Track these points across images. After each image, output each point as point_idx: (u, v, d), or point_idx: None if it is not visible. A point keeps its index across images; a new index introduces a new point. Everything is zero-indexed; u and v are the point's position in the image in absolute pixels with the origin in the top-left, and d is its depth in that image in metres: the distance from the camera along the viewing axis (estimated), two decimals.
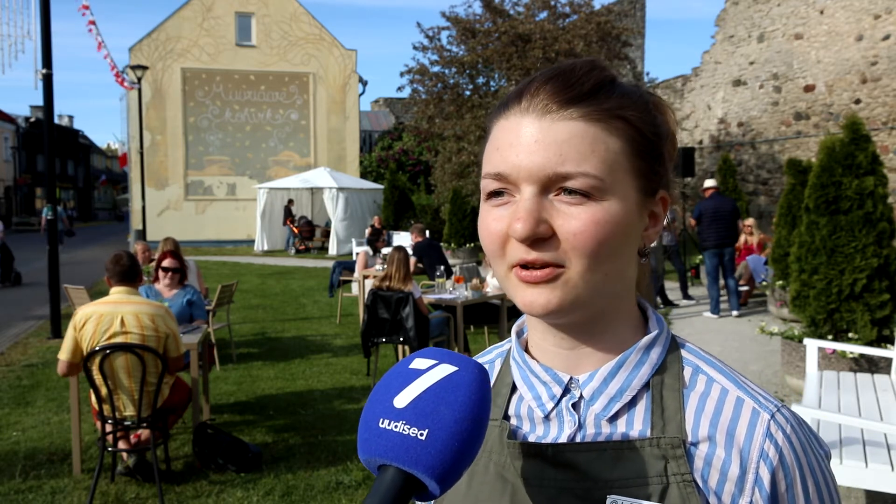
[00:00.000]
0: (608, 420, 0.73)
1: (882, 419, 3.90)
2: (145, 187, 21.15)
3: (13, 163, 46.83)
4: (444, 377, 0.62)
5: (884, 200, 5.73)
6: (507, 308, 7.16)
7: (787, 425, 0.70)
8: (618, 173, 0.69)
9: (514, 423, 0.78)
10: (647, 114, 0.73)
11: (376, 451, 0.60)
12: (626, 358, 0.74)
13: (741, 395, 0.72)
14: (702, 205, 9.97)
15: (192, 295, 5.61)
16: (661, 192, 0.76)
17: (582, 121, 0.69)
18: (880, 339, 5.71)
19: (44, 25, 8.85)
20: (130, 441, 4.30)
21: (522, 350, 0.80)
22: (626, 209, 0.70)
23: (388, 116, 36.09)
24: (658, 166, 0.74)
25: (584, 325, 0.74)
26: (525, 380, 0.78)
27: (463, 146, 18.60)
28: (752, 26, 17.43)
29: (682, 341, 0.78)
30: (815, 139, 15.78)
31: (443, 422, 0.59)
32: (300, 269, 17.24)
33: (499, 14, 18.73)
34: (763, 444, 0.69)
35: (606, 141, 0.69)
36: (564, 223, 0.68)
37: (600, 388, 0.74)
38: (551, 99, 0.70)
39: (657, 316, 0.79)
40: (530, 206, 0.68)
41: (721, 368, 0.75)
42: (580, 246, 0.68)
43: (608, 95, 0.71)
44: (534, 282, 0.69)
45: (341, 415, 5.58)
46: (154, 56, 24.72)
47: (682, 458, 0.69)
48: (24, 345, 8.56)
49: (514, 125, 0.71)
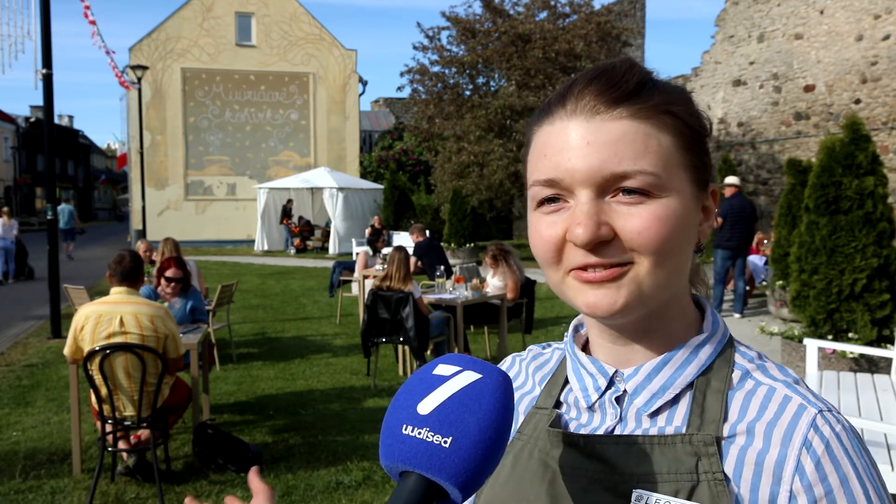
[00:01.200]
0: (649, 415, 0.73)
1: (882, 419, 3.90)
2: (145, 187, 21.16)
3: (13, 163, 46.82)
4: (469, 384, 0.62)
5: (884, 200, 5.73)
6: (507, 308, 7.16)
7: (838, 424, 0.66)
8: (672, 168, 0.69)
9: (563, 410, 0.79)
10: (690, 107, 0.73)
11: (399, 457, 0.60)
12: (673, 356, 0.73)
13: (789, 393, 0.69)
14: (727, 202, 9.59)
15: (195, 301, 5.58)
16: (712, 185, 0.75)
17: (632, 119, 0.68)
18: (880, 339, 5.71)
19: (44, 25, 8.85)
20: (130, 441, 4.30)
21: (577, 345, 0.81)
22: (684, 204, 0.69)
23: (388, 116, 36.10)
24: (706, 158, 0.74)
25: (641, 323, 0.73)
26: (575, 371, 0.79)
27: (463, 146, 18.60)
28: (752, 26, 17.43)
29: (738, 345, 0.76)
30: (815, 139, 15.78)
31: (467, 430, 0.59)
32: (300, 269, 17.24)
33: (499, 14, 18.74)
34: (807, 433, 0.65)
35: (658, 137, 0.68)
36: (626, 223, 0.67)
37: (643, 384, 0.73)
38: (598, 100, 0.68)
39: (714, 315, 0.77)
40: (590, 210, 0.66)
41: (773, 375, 0.72)
42: (645, 243, 0.66)
43: (652, 92, 0.70)
44: (598, 281, 0.68)
45: (341, 415, 5.58)
46: (154, 56, 24.72)
47: (715, 456, 0.67)
48: (24, 345, 8.56)
49: (561, 129, 0.69)
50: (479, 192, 18.51)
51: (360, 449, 4.77)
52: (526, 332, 7.72)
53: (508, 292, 7.25)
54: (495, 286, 7.30)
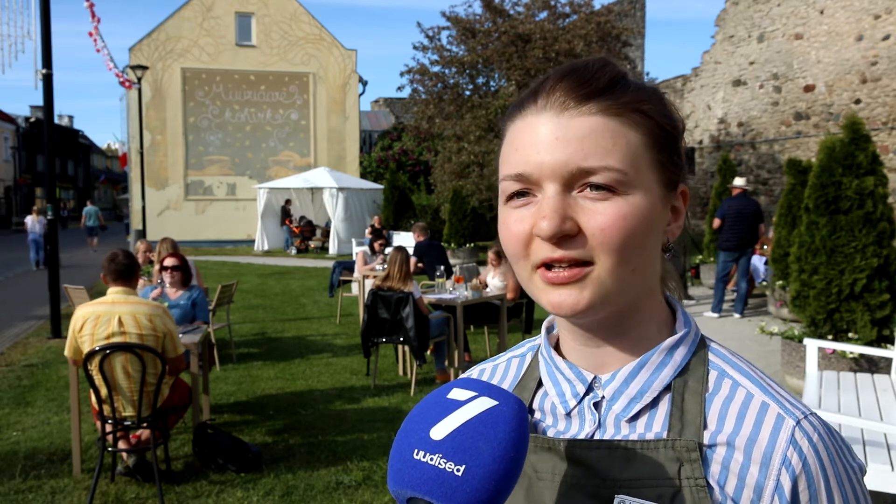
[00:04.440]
0: (628, 421, 0.72)
1: (882, 419, 3.90)
2: (145, 187, 21.15)
3: (13, 163, 46.79)
4: (484, 411, 0.60)
5: (884, 200, 5.73)
6: (507, 308, 7.16)
7: (815, 433, 0.68)
8: (640, 166, 0.69)
9: (537, 417, 0.78)
10: (662, 107, 0.73)
11: (409, 482, 0.58)
12: (648, 359, 0.73)
13: (766, 400, 0.70)
14: (726, 204, 9.58)
15: (197, 296, 5.62)
16: (682, 186, 0.75)
17: (601, 115, 0.68)
18: (880, 339, 5.71)
19: (44, 25, 8.85)
20: (130, 441, 4.30)
21: (551, 347, 0.80)
22: (651, 203, 0.69)
23: (388, 116, 36.09)
24: (677, 158, 0.74)
25: (610, 324, 0.73)
26: (551, 376, 0.78)
27: (463, 146, 18.61)
28: (752, 26, 17.43)
29: (710, 343, 0.76)
30: (815, 139, 15.78)
31: (481, 459, 0.57)
32: (300, 269, 17.24)
33: (499, 14, 18.74)
34: (786, 451, 0.66)
35: (627, 134, 0.68)
36: (590, 219, 0.67)
37: (621, 389, 0.73)
38: (568, 95, 0.69)
39: (686, 315, 0.77)
40: (555, 204, 0.67)
41: (748, 373, 0.73)
42: (608, 241, 0.67)
43: (624, 90, 0.70)
44: (561, 282, 0.68)
45: (341, 415, 5.58)
46: (154, 56, 24.71)
47: (697, 462, 0.67)
48: (24, 345, 8.56)
49: (531, 124, 0.70)
50: (479, 192, 18.52)
51: (360, 449, 4.77)
52: (526, 331, 7.72)
53: (508, 292, 7.26)
54: (495, 286, 7.30)
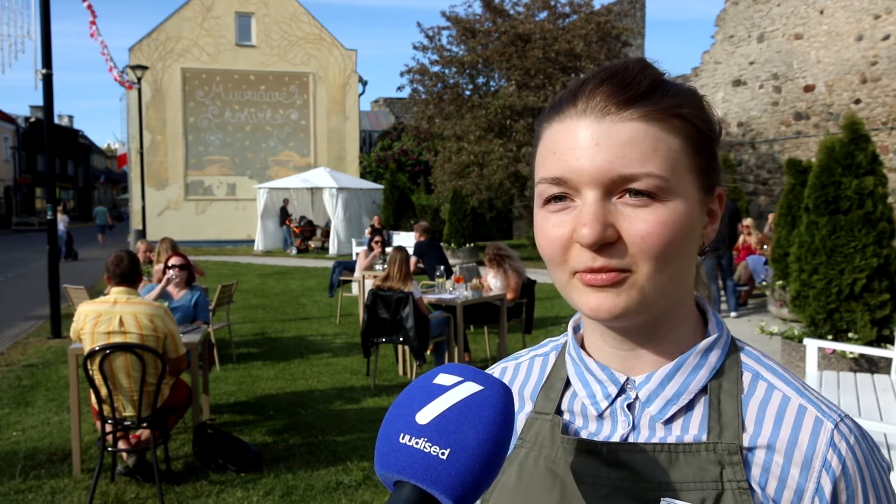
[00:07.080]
0: (663, 423, 0.72)
1: (882, 419, 3.90)
2: (145, 187, 21.16)
3: (13, 163, 46.79)
4: (469, 395, 0.61)
5: (884, 200, 5.73)
6: (507, 308, 7.16)
7: (851, 436, 0.69)
8: (680, 172, 0.69)
9: (567, 419, 0.78)
10: (701, 110, 0.73)
11: (395, 466, 0.59)
12: (684, 361, 0.73)
13: (804, 403, 0.71)
14: None
15: (199, 296, 5.62)
16: (718, 189, 0.75)
17: (642, 121, 0.68)
18: (880, 339, 5.71)
19: (44, 25, 8.85)
20: (130, 441, 4.30)
21: (579, 346, 0.79)
22: (690, 208, 0.69)
23: (388, 116, 36.08)
24: (714, 162, 0.74)
25: (645, 328, 0.73)
26: (580, 377, 0.77)
27: (463, 146, 18.59)
28: (752, 26, 17.43)
29: (741, 345, 0.77)
30: (815, 139, 15.78)
31: (466, 442, 0.58)
32: (300, 269, 17.24)
33: (499, 14, 18.73)
34: (826, 454, 0.68)
35: (667, 140, 0.68)
36: (631, 226, 0.67)
37: (657, 391, 0.73)
38: (609, 100, 0.68)
39: (717, 318, 0.77)
40: (596, 210, 0.67)
41: (782, 375, 0.74)
42: (648, 249, 0.67)
43: (664, 94, 0.70)
44: (600, 285, 0.68)
45: (341, 415, 5.58)
46: (154, 56, 24.71)
47: (739, 465, 0.68)
48: (24, 345, 8.56)
49: (570, 128, 0.70)
50: (479, 192, 18.51)
51: (360, 449, 4.77)
52: (526, 332, 7.72)
53: (508, 292, 7.26)
54: (495, 286, 7.30)
